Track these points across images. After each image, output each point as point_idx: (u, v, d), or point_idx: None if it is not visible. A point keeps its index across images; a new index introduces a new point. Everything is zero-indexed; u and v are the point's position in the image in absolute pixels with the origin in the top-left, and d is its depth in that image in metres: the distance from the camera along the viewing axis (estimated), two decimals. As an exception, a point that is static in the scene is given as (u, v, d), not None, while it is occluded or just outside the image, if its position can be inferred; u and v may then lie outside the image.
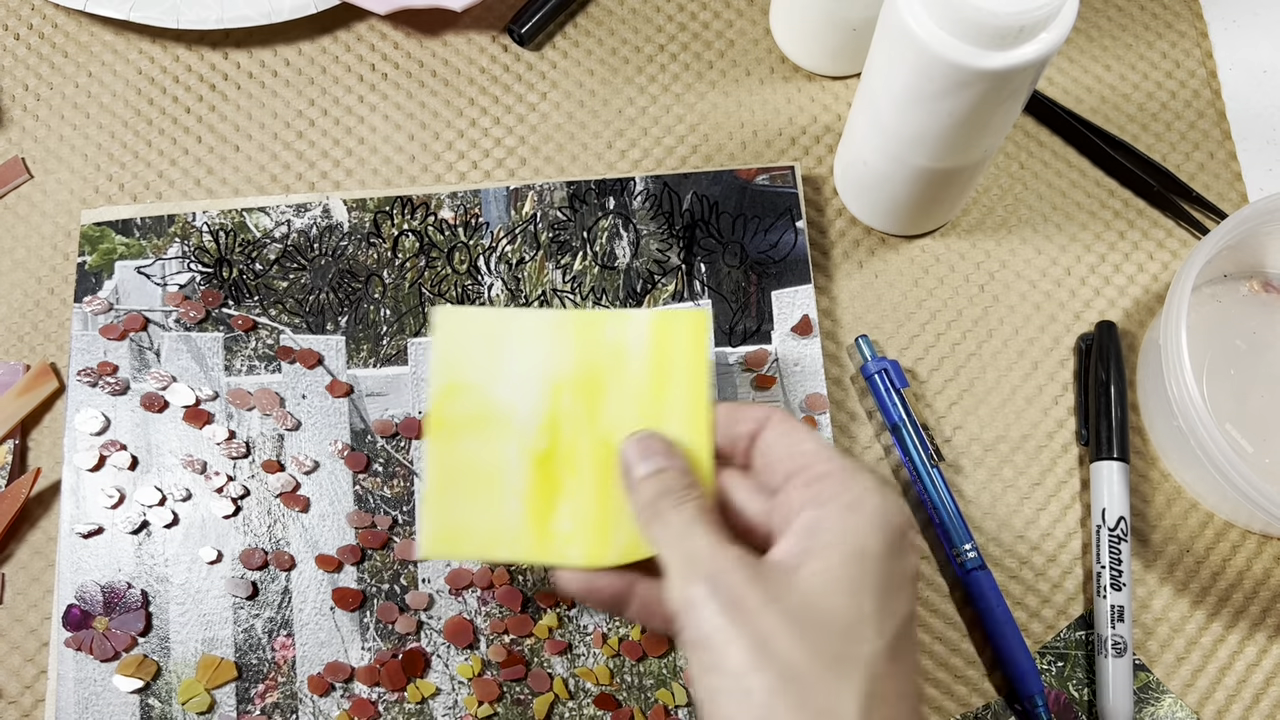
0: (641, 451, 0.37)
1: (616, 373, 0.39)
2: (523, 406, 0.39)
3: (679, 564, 0.33)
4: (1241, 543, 0.47)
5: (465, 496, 0.38)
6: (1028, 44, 0.38)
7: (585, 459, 0.38)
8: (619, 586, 0.37)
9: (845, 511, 0.33)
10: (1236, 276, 0.50)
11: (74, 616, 0.44)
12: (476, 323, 0.40)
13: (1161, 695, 0.45)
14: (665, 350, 0.39)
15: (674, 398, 0.38)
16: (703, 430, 0.37)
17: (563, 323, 0.40)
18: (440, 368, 0.39)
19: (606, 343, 0.39)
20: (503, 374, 0.39)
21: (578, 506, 0.38)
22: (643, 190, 0.50)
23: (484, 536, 0.38)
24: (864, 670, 0.31)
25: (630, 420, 0.38)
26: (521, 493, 0.38)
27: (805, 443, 0.36)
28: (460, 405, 0.39)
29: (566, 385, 0.39)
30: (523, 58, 0.54)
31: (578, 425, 0.39)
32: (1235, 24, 0.56)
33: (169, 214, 0.49)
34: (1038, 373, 0.49)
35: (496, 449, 0.39)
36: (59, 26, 0.54)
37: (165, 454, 0.46)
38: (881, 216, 0.50)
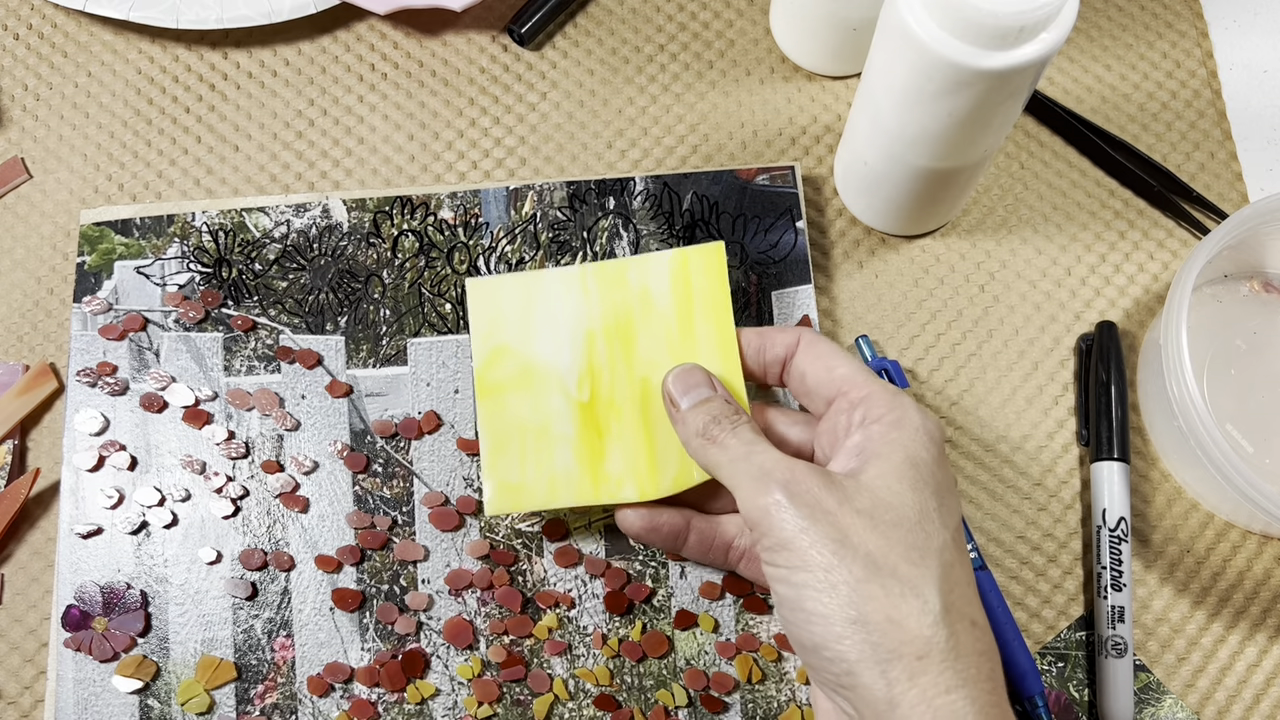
0: (683, 385, 0.39)
1: (645, 315, 0.42)
2: (561, 361, 0.42)
3: (750, 478, 0.35)
4: (1242, 543, 0.47)
5: (519, 453, 0.41)
6: (1028, 44, 0.37)
7: (626, 401, 0.41)
8: (678, 523, 0.41)
9: (892, 428, 0.36)
10: (1237, 276, 0.50)
11: (73, 617, 0.44)
12: (506, 288, 0.43)
13: (1162, 696, 0.45)
14: (687, 286, 0.42)
15: (702, 331, 0.41)
16: (733, 358, 0.40)
17: (586, 275, 0.43)
18: (479, 335, 0.43)
19: (631, 287, 0.42)
20: (537, 333, 0.42)
21: (625, 447, 0.41)
22: (643, 190, 0.50)
23: (542, 488, 0.41)
24: (937, 558, 0.34)
25: (663, 359, 0.41)
26: (571, 442, 0.41)
27: (839, 366, 0.38)
28: (502, 368, 0.42)
29: (599, 334, 0.42)
30: (523, 58, 0.54)
31: (615, 370, 0.42)
32: (1235, 24, 0.56)
33: (168, 214, 0.49)
34: (1038, 373, 0.49)
35: (542, 404, 0.42)
36: (59, 26, 0.54)
37: (164, 454, 0.46)
38: (882, 216, 0.50)
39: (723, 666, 0.43)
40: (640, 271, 0.42)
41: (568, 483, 0.41)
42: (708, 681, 0.43)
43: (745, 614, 0.44)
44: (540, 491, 0.41)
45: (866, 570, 0.33)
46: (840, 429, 0.37)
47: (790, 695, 0.43)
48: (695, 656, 0.43)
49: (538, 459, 0.41)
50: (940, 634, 0.32)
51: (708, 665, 0.43)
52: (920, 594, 0.33)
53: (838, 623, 0.33)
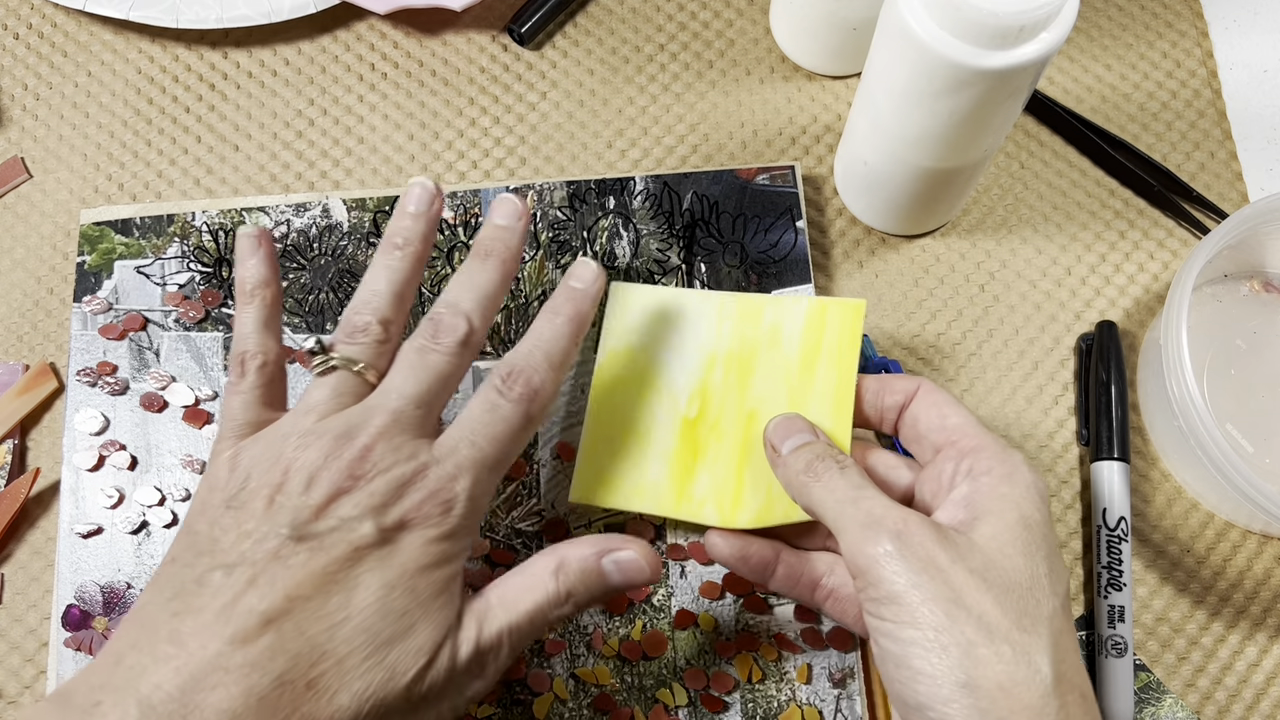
0: (784, 431, 0.39)
1: (769, 353, 0.43)
2: (679, 375, 0.43)
3: (858, 523, 0.34)
4: (1242, 543, 0.47)
5: (615, 452, 0.43)
6: (1028, 44, 0.38)
7: (729, 428, 0.42)
8: (767, 555, 0.40)
9: (1002, 483, 0.35)
10: (1237, 276, 0.50)
11: (73, 617, 0.44)
12: (647, 297, 0.45)
13: (1162, 695, 0.45)
14: (818, 336, 0.42)
15: (821, 383, 0.41)
16: (845, 414, 0.40)
17: (725, 303, 0.44)
18: (610, 334, 0.44)
19: (763, 324, 0.43)
20: (664, 344, 0.44)
21: (716, 471, 0.42)
22: (643, 190, 0.50)
23: (627, 489, 0.42)
24: (1047, 625, 0.33)
25: (777, 398, 0.42)
26: (667, 453, 0.42)
27: (952, 416, 0.38)
28: (622, 368, 0.44)
29: (720, 360, 0.43)
30: (523, 57, 0.54)
31: (726, 396, 0.43)
32: (1235, 24, 0.56)
33: (168, 214, 0.49)
34: (1038, 373, 0.49)
35: (650, 411, 0.43)
36: (58, 26, 0.54)
37: (165, 454, 0.46)
38: (882, 216, 0.50)
39: (723, 666, 0.43)
40: (776, 312, 0.43)
41: (653, 491, 0.42)
42: (708, 681, 0.43)
43: (745, 614, 0.44)
44: (624, 492, 0.42)
45: (979, 633, 0.32)
46: (946, 477, 0.37)
47: (790, 695, 0.43)
48: (695, 656, 0.43)
49: (631, 462, 0.42)
50: (1051, 705, 0.31)
51: (708, 665, 0.43)
52: (1032, 662, 0.32)
53: (946, 685, 0.32)
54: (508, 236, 0.40)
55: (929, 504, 0.37)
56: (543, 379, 0.38)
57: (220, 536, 0.33)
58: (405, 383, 0.37)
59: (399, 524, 0.34)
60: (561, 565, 0.36)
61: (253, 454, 0.35)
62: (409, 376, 0.37)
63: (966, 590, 0.32)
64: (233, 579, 0.32)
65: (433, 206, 0.41)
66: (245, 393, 0.37)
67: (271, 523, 0.33)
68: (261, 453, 0.35)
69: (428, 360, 0.37)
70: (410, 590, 0.33)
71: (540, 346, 0.38)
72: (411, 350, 0.38)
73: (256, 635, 0.31)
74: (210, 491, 0.35)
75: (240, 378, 0.37)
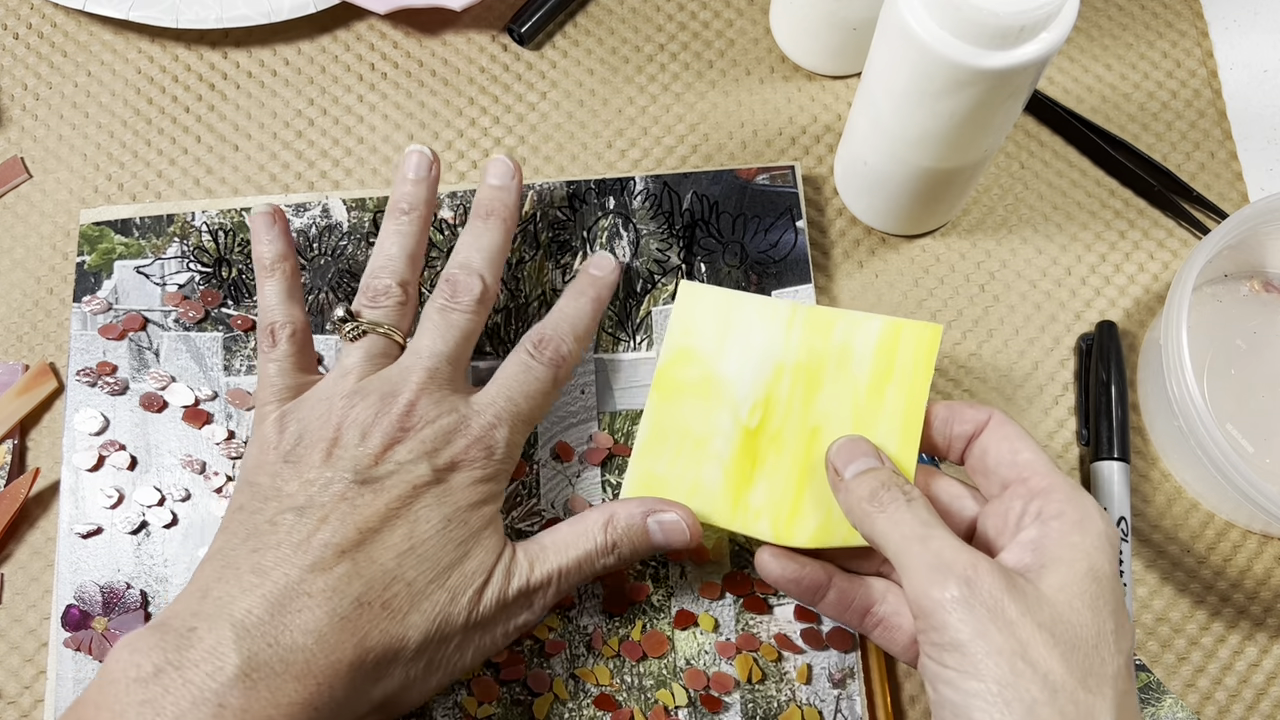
0: (848, 454, 0.38)
1: (838, 370, 0.41)
2: (742, 383, 0.42)
3: (925, 564, 0.33)
4: (1242, 543, 0.47)
5: (673, 453, 0.42)
6: (1028, 44, 0.37)
7: (790, 442, 0.41)
8: (820, 578, 0.39)
9: (1073, 530, 0.34)
10: (1237, 276, 0.50)
11: (73, 617, 0.43)
12: (716, 299, 0.43)
13: (1162, 696, 0.45)
14: (890, 358, 0.41)
15: (890, 406, 0.40)
16: (912, 439, 0.39)
17: (795, 313, 0.42)
18: (675, 333, 0.43)
19: (834, 340, 0.42)
20: (731, 350, 0.42)
21: (774, 485, 0.40)
22: (643, 190, 0.50)
23: (681, 492, 0.41)
24: (1112, 685, 0.32)
25: (842, 417, 0.41)
26: (725, 461, 0.41)
27: (1023, 451, 0.37)
28: (687, 370, 0.43)
29: (787, 371, 0.42)
30: (523, 57, 0.54)
31: (790, 410, 0.41)
32: (1235, 24, 0.56)
33: (168, 214, 0.49)
34: (1038, 373, 0.49)
35: (711, 416, 0.42)
36: (58, 26, 0.54)
37: (164, 454, 0.46)
38: (882, 216, 0.50)
39: (723, 666, 0.43)
40: (847, 328, 0.42)
41: (708, 498, 0.41)
42: (708, 681, 0.43)
43: (745, 614, 0.44)
44: (678, 493, 0.41)
45: (1044, 692, 0.31)
46: (1013, 516, 0.36)
47: (790, 695, 0.43)
48: (695, 656, 0.43)
49: (688, 466, 0.41)
50: None
51: (708, 665, 0.43)
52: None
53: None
54: (505, 195, 0.44)
55: (993, 541, 0.36)
56: (570, 348, 0.42)
57: (283, 486, 0.37)
58: (435, 341, 0.40)
59: (450, 465, 0.38)
60: (611, 519, 0.39)
61: (300, 414, 0.39)
62: (436, 336, 0.40)
63: (1033, 645, 0.31)
64: (305, 519, 0.36)
65: (431, 171, 0.44)
66: (280, 360, 0.41)
67: (335, 469, 0.37)
68: (309, 412, 0.39)
69: (450, 319, 0.41)
70: (464, 522, 0.38)
71: (567, 319, 0.43)
72: (434, 310, 0.41)
73: (333, 564, 0.35)
74: (263, 450, 0.39)
75: (272, 346, 0.41)
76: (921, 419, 0.40)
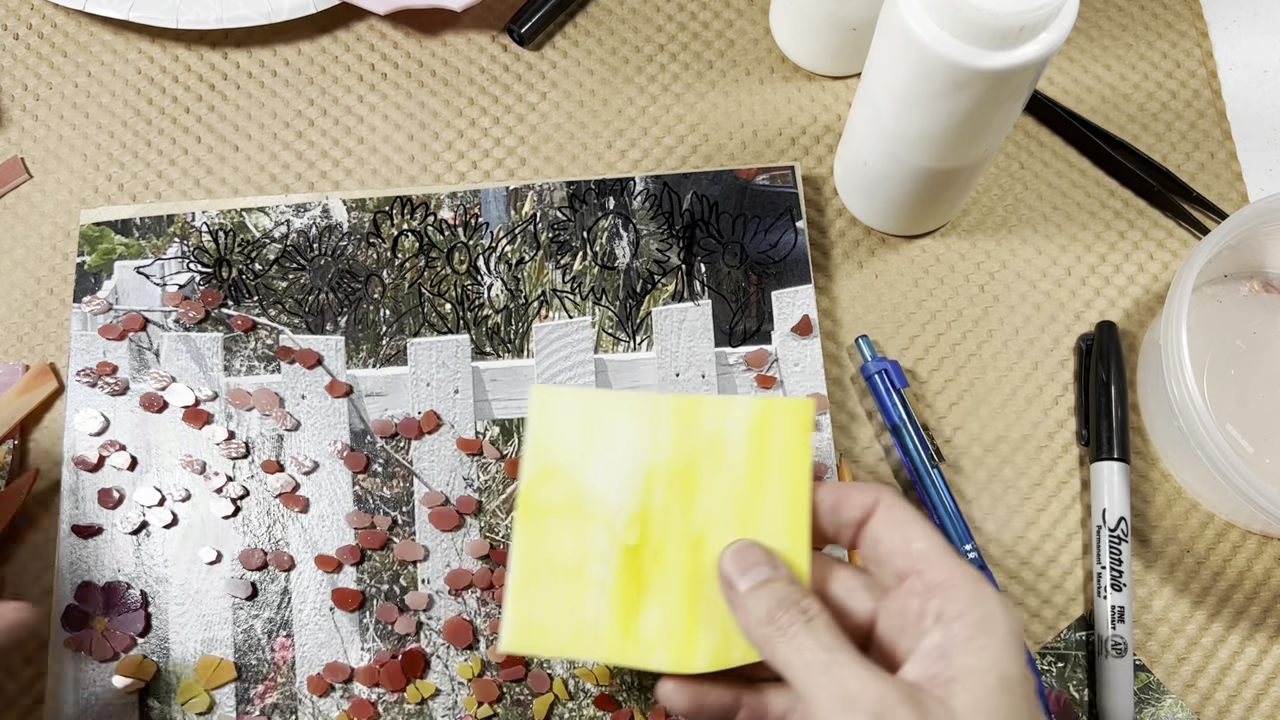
0: (741, 563, 0.35)
1: (713, 464, 0.38)
2: (614, 495, 0.38)
3: (829, 695, 0.32)
4: (1242, 543, 0.47)
5: (549, 589, 0.37)
6: (1028, 44, 0.37)
7: (675, 556, 0.37)
8: (726, 702, 0.36)
9: (978, 633, 0.32)
10: (1237, 276, 0.50)
11: (73, 617, 0.43)
12: (572, 403, 0.39)
13: (1162, 696, 0.45)
14: (765, 442, 0.38)
15: (773, 497, 0.37)
16: (802, 527, 0.36)
17: (659, 408, 0.38)
18: (534, 449, 0.38)
19: (704, 431, 0.38)
20: (596, 459, 0.38)
21: (665, 607, 0.37)
22: (643, 190, 0.50)
23: (566, 633, 0.37)
24: None
25: (726, 517, 0.37)
26: (607, 587, 0.37)
27: (916, 540, 0.34)
28: (551, 490, 0.38)
29: (660, 475, 0.38)
30: (523, 58, 0.54)
31: (670, 519, 0.37)
32: (1235, 24, 0.56)
33: (168, 214, 0.49)
34: (1038, 373, 0.49)
35: (585, 539, 0.37)
36: (59, 26, 0.54)
37: (164, 454, 0.46)
38: (881, 216, 0.50)
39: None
40: (717, 414, 0.38)
41: (595, 634, 0.37)
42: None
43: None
44: (563, 637, 0.37)
45: None
46: (912, 615, 0.34)
47: (790, 695, 0.43)
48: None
49: (568, 600, 0.37)
50: None
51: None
52: None
53: None
54: None
55: (894, 641, 0.34)
56: None
57: None
58: None
59: None
60: None
61: None
62: None
63: None
64: None
65: None
66: None
67: None
68: None
69: None
70: None
71: None
72: None
73: None
74: None
75: None
76: (808, 508, 0.36)
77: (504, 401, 0.47)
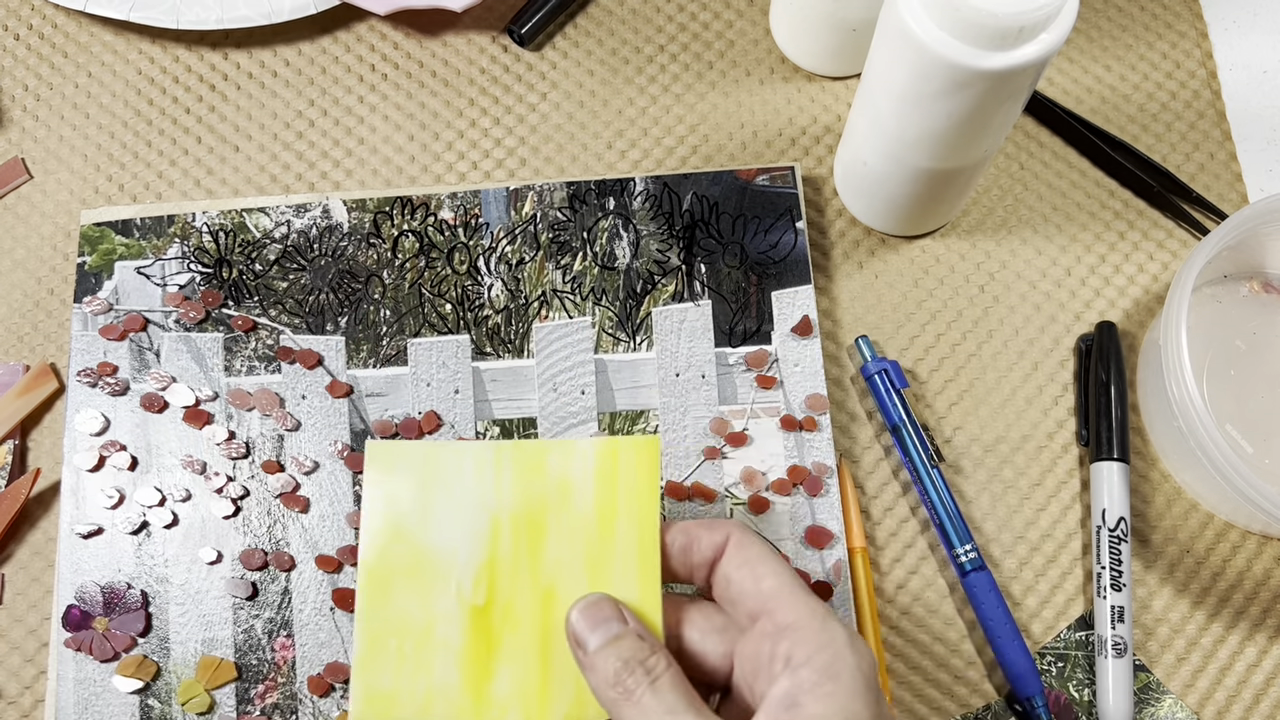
0: (590, 620, 0.34)
1: (560, 510, 0.36)
2: (459, 551, 0.36)
3: None
4: (1241, 543, 0.47)
5: (396, 656, 0.36)
6: (1028, 44, 0.38)
7: (525, 613, 0.36)
8: None
9: (825, 678, 0.31)
10: (1236, 277, 0.50)
11: (74, 617, 0.44)
12: (411, 457, 0.37)
13: (1162, 696, 0.45)
14: (612, 483, 0.36)
15: (623, 541, 0.36)
16: (652, 582, 0.35)
17: (501, 454, 0.37)
18: (372, 507, 0.37)
19: (549, 475, 0.37)
20: (438, 515, 0.37)
21: (516, 669, 0.36)
22: (643, 190, 0.50)
23: (416, 701, 0.36)
24: None
25: (575, 564, 0.36)
26: (456, 650, 0.36)
27: (766, 578, 0.34)
28: (394, 552, 0.36)
29: (505, 526, 0.36)
30: (523, 58, 0.54)
31: (517, 572, 0.36)
32: (1235, 24, 0.56)
33: (169, 214, 0.49)
34: (1038, 373, 0.49)
35: (431, 600, 0.36)
36: (59, 26, 0.54)
37: (165, 454, 0.46)
38: (881, 217, 0.50)
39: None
40: (562, 458, 0.37)
41: (445, 699, 0.35)
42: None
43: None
44: (413, 705, 0.35)
45: None
46: (764, 659, 0.33)
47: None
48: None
49: (415, 666, 0.36)
50: None
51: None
52: None
53: None
54: None
55: (750, 685, 0.34)
56: None
57: None
58: None
59: None
60: None
61: None
62: None
63: None
64: None
65: None
66: None
67: None
68: None
69: None
70: None
71: None
72: None
73: None
74: None
75: None
76: (657, 551, 0.36)
77: (504, 402, 0.47)
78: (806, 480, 0.46)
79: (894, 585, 0.46)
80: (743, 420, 0.47)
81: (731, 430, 0.47)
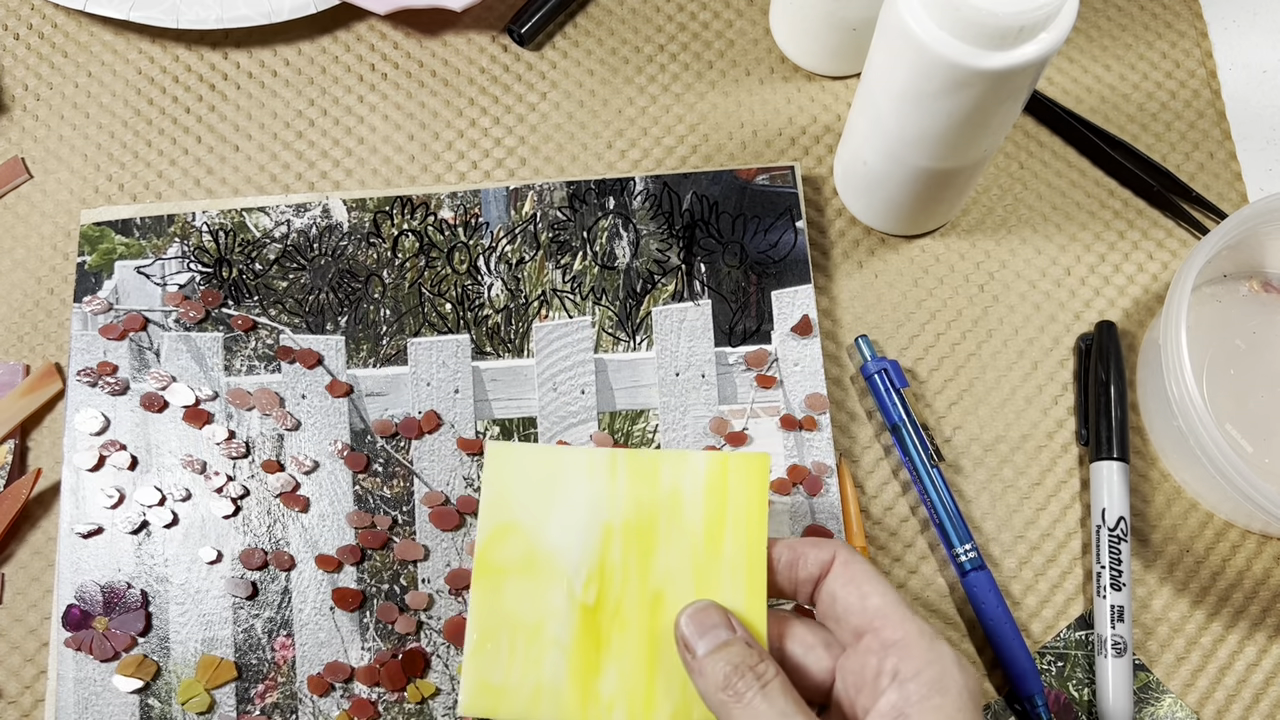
0: (698, 626, 0.35)
1: (670, 520, 0.38)
2: (572, 553, 0.38)
3: None
4: (1241, 543, 0.47)
5: (507, 651, 0.37)
6: (1028, 44, 0.38)
7: (634, 615, 0.37)
8: None
9: (933, 692, 0.32)
10: (1236, 276, 0.50)
11: (74, 616, 0.44)
12: (529, 460, 0.39)
13: (1161, 695, 0.45)
14: (721, 498, 0.38)
15: (730, 554, 0.37)
16: (759, 595, 0.36)
17: (616, 464, 0.38)
18: (490, 507, 0.38)
19: (661, 487, 0.38)
20: (553, 516, 0.38)
21: (624, 668, 0.37)
22: (642, 190, 0.50)
23: (524, 696, 0.37)
24: None
25: (684, 575, 0.37)
26: (566, 647, 0.37)
27: (872, 596, 0.35)
28: (508, 548, 0.38)
29: (617, 532, 0.38)
30: (523, 58, 0.54)
31: (628, 576, 0.37)
32: (1235, 24, 0.56)
33: (169, 214, 0.49)
34: (1037, 373, 0.49)
35: (542, 598, 0.37)
36: (59, 26, 0.54)
37: (165, 454, 0.46)
38: (881, 216, 0.50)
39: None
40: (674, 470, 0.38)
41: (553, 696, 0.37)
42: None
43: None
44: (521, 700, 0.37)
45: None
46: (870, 674, 0.34)
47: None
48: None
49: (526, 661, 0.37)
50: None
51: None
52: None
53: None
54: None
55: (853, 699, 0.35)
56: None
57: None
58: None
59: None
60: None
61: None
62: None
63: None
64: None
65: None
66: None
67: None
68: None
69: None
70: None
71: None
72: None
73: None
74: None
75: None
76: (764, 565, 0.37)
77: (504, 401, 0.47)
78: (806, 480, 0.46)
79: (894, 584, 0.46)
80: (742, 420, 0.47)
81: (731, 430, 0.47)
